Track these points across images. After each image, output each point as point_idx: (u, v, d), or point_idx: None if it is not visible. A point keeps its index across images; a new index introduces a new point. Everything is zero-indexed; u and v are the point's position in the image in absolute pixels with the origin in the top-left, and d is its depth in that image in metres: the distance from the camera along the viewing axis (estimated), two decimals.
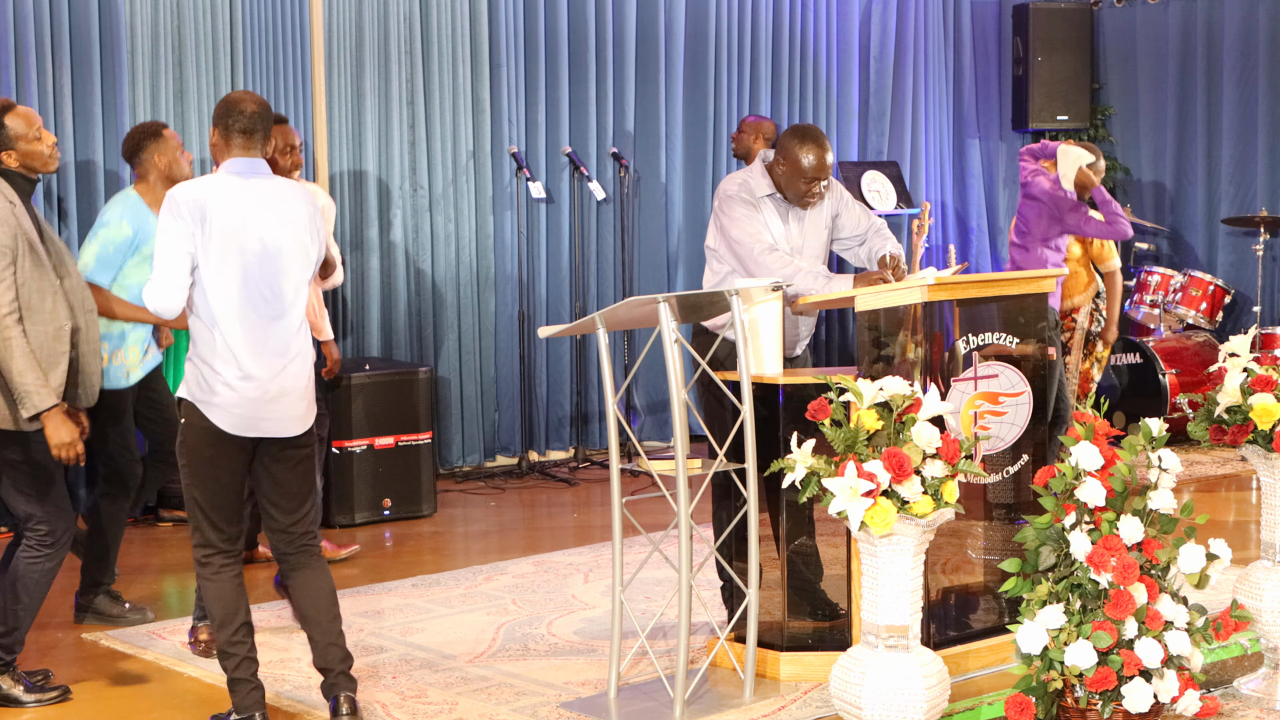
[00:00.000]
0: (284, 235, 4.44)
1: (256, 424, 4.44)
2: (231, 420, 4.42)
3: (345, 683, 4.60)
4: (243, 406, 4.41)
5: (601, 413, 9.33)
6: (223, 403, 4.40)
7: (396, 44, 8.52)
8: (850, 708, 4.10)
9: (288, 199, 4.49)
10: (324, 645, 4.61)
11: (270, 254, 4.41)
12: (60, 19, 7.41)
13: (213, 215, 4.34)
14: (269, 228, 4.41)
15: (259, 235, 4.39)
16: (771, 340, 5.04)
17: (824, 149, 5.36)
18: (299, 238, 4.48)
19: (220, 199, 4.36)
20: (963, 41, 11.16)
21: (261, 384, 4.42)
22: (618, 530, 4.96)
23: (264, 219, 4.41)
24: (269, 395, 4.43)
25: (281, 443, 4.53)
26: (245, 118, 4.45)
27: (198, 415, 4.43)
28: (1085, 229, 7.33)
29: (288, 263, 4.45)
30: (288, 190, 4.52)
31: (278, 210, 4.44)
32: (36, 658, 5.44)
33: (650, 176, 9.55)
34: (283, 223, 4.44)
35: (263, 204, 4.42)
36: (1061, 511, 4.32)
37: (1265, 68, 10.53)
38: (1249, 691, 4.88)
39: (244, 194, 4.40)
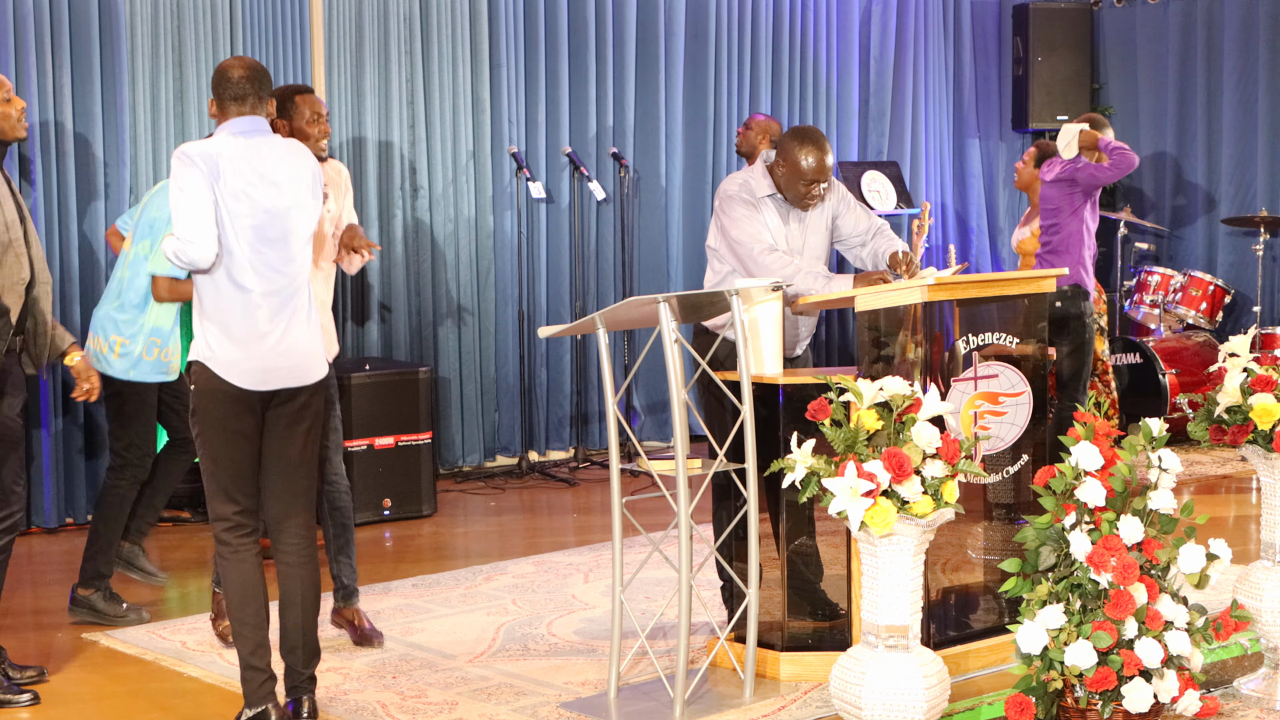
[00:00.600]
0: (290, 191, 4.50)
1: (267, 376, 4.46)
2: (242, 373, 4.43)
3: (308, 685, 4.61)
4: (254, 359, 4.43)
5: (601, 413, 9.33)
6: (235, 357, 4.42)
7: (396, 44, 8.52)
8: (850, 708, 4.10)
9: (291, 155, 4.54)
10: (297, 644, 4.61)
11: (279, 210, 4.47)
12: (60, 18, 7.41)
13: (225, 171, 4.39)
14: (276, 183, 4.47)
15: (268, 190, 4.45)
16: (771, 340, 5.04)
17: (824, 151, 5.36)
18: (302, 194, 4.53)
19: (230, 155, 4.41)
20: (963, 41, 11.17)
21: (273, 335, 4.46)
22: (618, 530, 4.96)
23: (271, 174, 4.46)
24: (280, 347, 4.47)
25: (290, 402, 4.52)
26: (233, 84, 4.50)
27: (209, 375, 4.44)
28: (1100, 176, 7.52)
29: (295, 219, 4.51)
30: (289, 148, 4.57)
31: (283, 166, 4.50)
32: (37, 658, 5.44)
33: (650, 176, 9.55)
34: (289, 178, 4.50)
35: (268, 160, 4.48)
36: (1061, 511, 4.32)
37: (1265, 68, 10.54)
38: (1249, 691, 4.88)
39: (251, 151, 4.46)
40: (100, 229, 7.53)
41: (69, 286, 7.43)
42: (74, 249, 7.46)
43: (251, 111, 4.53)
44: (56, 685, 5.18)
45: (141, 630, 5.76)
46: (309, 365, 4.56)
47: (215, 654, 5.42)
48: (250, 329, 4.43)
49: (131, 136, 7.65)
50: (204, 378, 4.46)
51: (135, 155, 7.67)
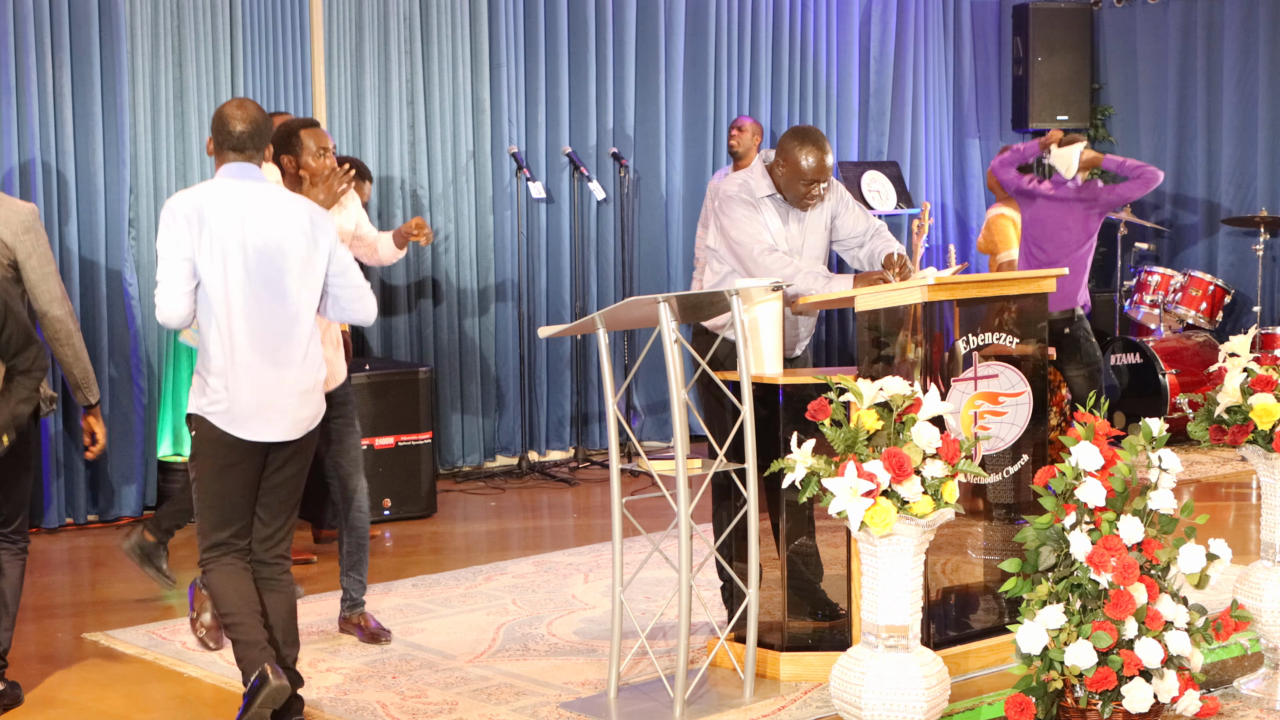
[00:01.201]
0: (282, 234, 4.45)
1: (266, 428, 4.44)
2: (241, 424, 4.42)
3: (296, 704, 4.59)
4: (252, 410, 4.41)
5: (601, 413, 9.33)
6: (232, 409, 4.41)
7: (396, 44, 8.52)
8: (850, 708, 4.10)
9: (283, 201, 4.50)
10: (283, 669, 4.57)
11: (270, 253, 4.42)
12: (60, 19, 7.41)
13: (209, 218, 4.37)
14: (266, 227, 4.43)
15: (257, 235, 4.41)
16: (771, 340, 5.04)
17: (824, 151, 5.36)
18: (297, 239, 4.48)
19: (215, 202, 4.40)
20: (963, 41, 11.16)
21: (271, 386, 4.43)
22: (618, 530, 4.96)
23: (260, 218, 4.42)
24: (279, 397, 4.44)
25: (289, 449, 4.53)
26: (233, 137, 4.49)
27: (208, 427, 4.44)
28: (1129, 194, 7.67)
29: (289, 261, 4.46)
30: (282, 195, 4.54)
31: (274, 210, 4.46)
32: (37, 659, 5.44)
33: (650, 176, 9.54)
34: (280, 222, 4.45)
35: (257, 204, 4.44)
36: (1061, 511, 4.32)
37: (1265, 68, 10.54)
38: (1249, 691, 4.88)
39: (238, 196, 4.43)
40: (100, 230, 7.52)
41: (69, 286, 7.42)
42: (74, 248, 7.45)
43: (248, 160, 4.51)
44: (56, 685, 5.18)
45: (141, 630, 5.76)
46: (308, 416, 4.54)
47: (215, 654, 5.42)
48: (247, 379, 4.41)
49: (131, 136, 7.64)
50: (204, 428, 4.46)
51: (135, 156, 7.67)
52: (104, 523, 7.63)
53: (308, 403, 4.52)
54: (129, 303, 7.61)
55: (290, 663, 4.60)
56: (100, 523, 7.63)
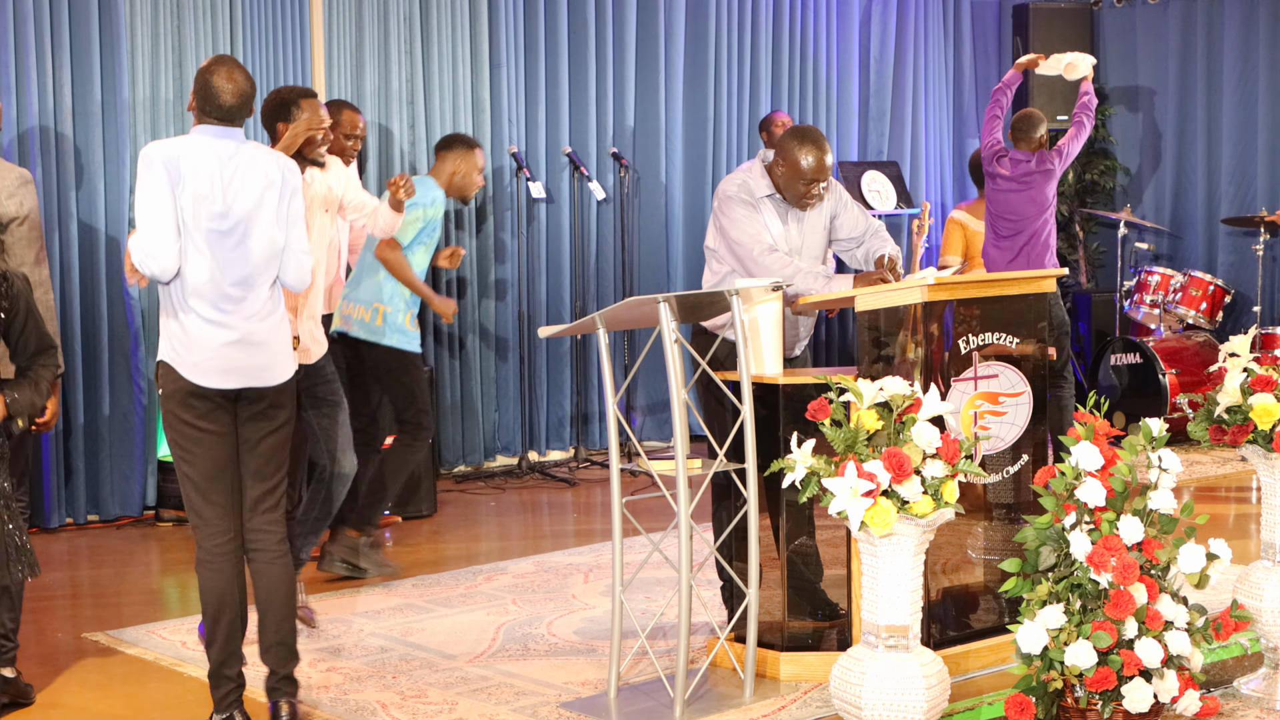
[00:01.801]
0: (255, 189, 4.48)
1: (231, 374, 4.45)
2: (206, 372, 4.43)
3: (287, 687, 4.59)
4: (217, 356, 4.43)
5: (601, 413, 9.33)
6: (197, 358, 4.42)
7: (396, 44, 8.52)
8: (850, 708, 4.10)
9: (259, 161, 4.52)
10: (273, 643, 4.59)
11: (241, 211, 4.45)
12: (60, 18, 7.41)
13: (186, 172, 4.40)
14: (239, 188, 4.45)
15: (230, 191, 4.44)
16: (771, 340, 5.04)
17: (823, 150, 5.36)
18: (269, 195, 4.51)
19: (193, 156, 4.42)
20: (963, 41, 11.17)
21: (234, 331, 4.45)
22: (618, 530, 4.96)
23: (234, 179, 4.45)
24: (242, 342, 4.46)
25: (260, 402, 4.51)
26: (221, 109, 4.51)
27: (174, 377, 4.45)
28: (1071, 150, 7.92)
29: (260, 217, 4.49)
30: (259, 153, 4.55)
31: (245, 167, 4.48)
32: (37, 659, 5.44)
33: (650, 176, 9.55)
34: (253, 184, 4.48)
35: (231, 165, 4.46)
36: (1061, 511, 4.32)
37: (1265, 68, 10.54)
38: (1249, 691, 4.88)
39: (215, 154, 4.45)
40: (100, 228, 7.52)
41: (69, 286, 7.42)
42: (74, 249, 7.45)
43: (230, 124, 4.53)
44: (56, 685, 5.18)
45: (142, 630, 5.76)
46: (272, 365, 4.53)
47: None
48: (211, 327, 4.43)
49: (131, 136, 7.64)
50: (169, 378, 4.46)
51: (135, 155, 7.66)
52: (104, 523, 7.63)
53: (269, 353, 4.51)
54: (129, 303, 7.61)
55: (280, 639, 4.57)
56: (100, 523, 7.64)
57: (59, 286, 7.41)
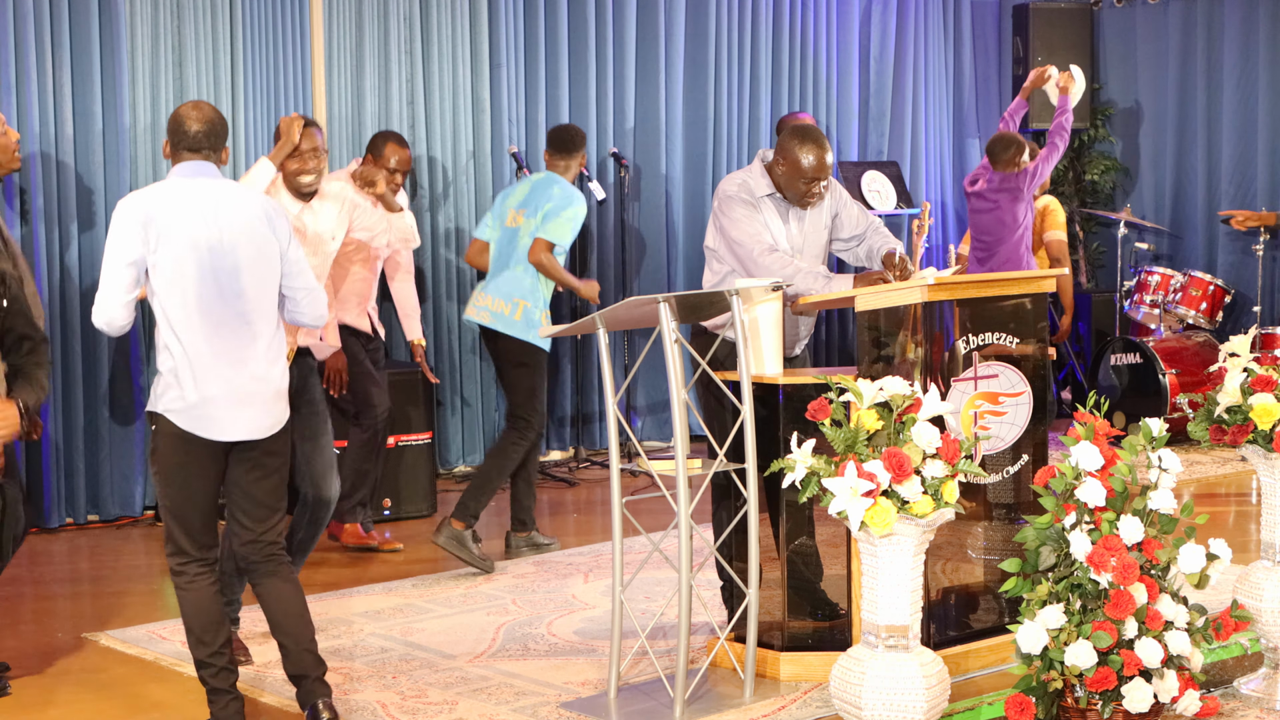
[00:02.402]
0: (235, 230, 4.43)
1: (225, 426, 4.41)
2: (200, 424, 4.39)
3: (321, 689, 4.57)
4: (210, 407, 4.38)
5: (601, 413, 9.33)
6: (189, 407, 4.38)
7: (396, 44, 8.52)
8: (850, 708, 4.10)
9: (235, 197, 4.48)
10: (297, 652, 4.58)
11: (224, 249, 4.41)
12: (60, 18, 7.41)
13: (159, 219, 4.36)
14: (219, 223, 4.41)
15: (210, 231, 4.39)
16: (771, 340, 5.04)
17: (823, 149, 5.36)
18: (251, 235, 4.46)
19: (165, 202, 4.39)
20: (963, 41, 11.16)
21: (228, 384, 4.40)
22: (618, 530, 4.96)
23: (211, 217, 4.41)
24: (237, 396, 4.41)
25: (253, 450, 4.49)
26: (188, 137, 4.49)
27: (166, 423, 4.41)
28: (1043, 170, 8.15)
29: (243, 257, 4.44)
30: (234, 191, 4.51)
31: (226, 207, 4.44)
32: (37, 659, 5.44)
33: (650, 177, 9.54)
34: (232, 219, 4.43)
35: (208, 202, 4.42)
36: (1061, 511, 4.32)
37: (1265, 68, 10.53)
38: (1249, 691, 4.88)
39: (189, 194, 4.42)
40: (100, 229, 7.52)
41: (68, 286, 7.43)
42: (74, 249, 7.45)
43: (204, 159, 4.51)
44: (56, 685, 5.18)
45: (142, 630, 5.76)
46: (268, 415, 4.49)
47: None
48: (206, 378, 4.38)
49: (131, 136, 7.64)
50: (162, 424, 4.43)
51: (135, 155, 7.67)
52: (104, 523, 7.63)
53: (268, 402, 4.48)
54: None
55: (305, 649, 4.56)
56: (100, 523, 7.64)
57: (59, 287, 7.41)
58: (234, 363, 4.41)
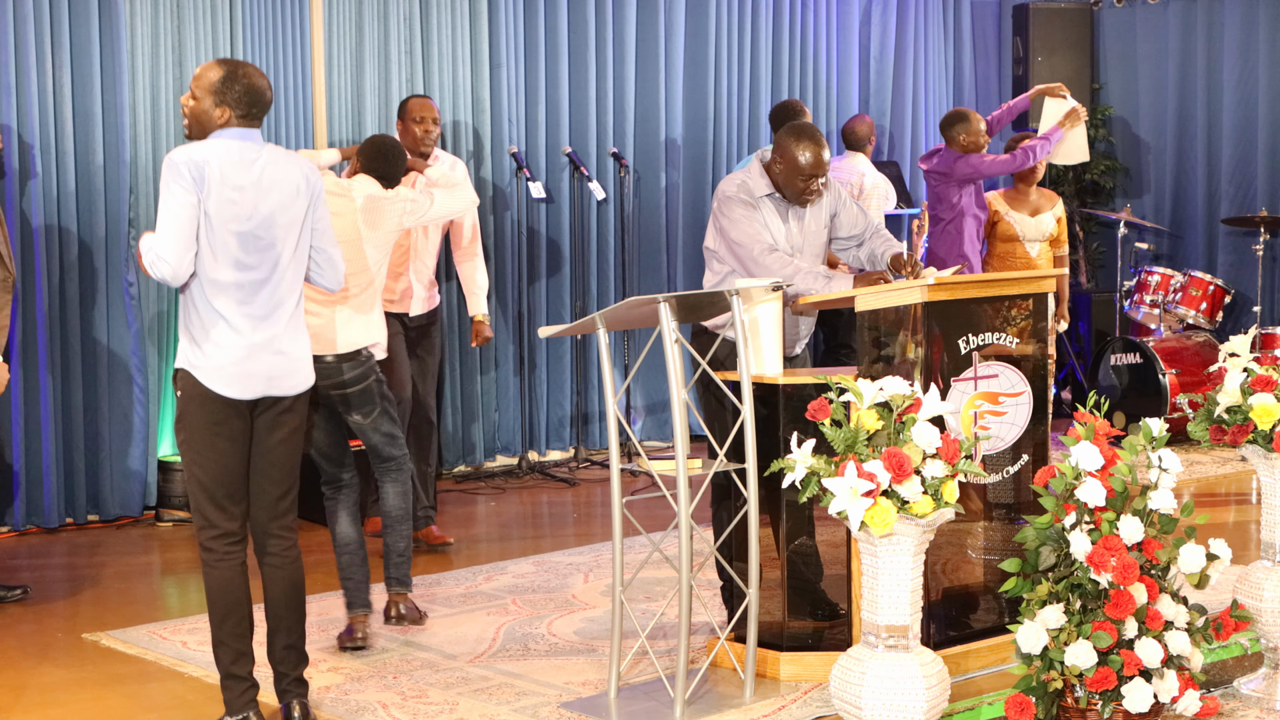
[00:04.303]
0: (280, 195, 4.48)
1: (251, 383, 4.45)
2: (225, 380, 4.43)
3: (297, 688, 4.62)
4: (236, 364, 4.43)
5: (601, 413, 9.33)
6: (216, 364, 4.42)
7: (396, 44, 8.52)
8: (850, 708, 4.10)
9: (285, 165, 4.52)
10: (281, 646, 4.62)
11: (266, 215, 4.45)
12: (60, 18, 7.41)
13: (211, 177, 4.38)
14: (265, 188, 4.45)
15: (256, 195, 4.43)
16: (771, 340, 5.04)
17: (821, 146, 5.37)
18: (294, 201, 4.52)
19: (219, 161, 4.40)
20: (963, 41, 11.16)
21: (254, 341, 4.45)
22: (618, 530, 4.96)
23: (261, 180, 4.45)
24: (262, 352, 4.46)
25: (276, 409, 4.52)
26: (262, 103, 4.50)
27: (193, 383, 4.45)
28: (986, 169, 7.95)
29: (284, 223, 4.49)
30: (283, 156, 4.55)
31: (274, 172, 4.48)
32: (37, 659, 5.44)
33: (650, 176, 9.55)
34: (279, 184, 4.48)
35: (258, 166, 4.46)
36: (1061, 511, 4.32)
37: (1265, 68, 10.54)
38: (1249, 691, 4.88)
39: (243, 156, 4.45)
40: (100, 229, 7.52)
41: (68, 286, 7.42)
42: (74, 248, 7.45)
43: (254, 125, 4.52)
44: (55, 685, 5.19)
45: (142, 630, 5.76)
46: (293, 374, 4.55)
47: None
48: (233, 336, 4.43)
49: (131, 136, 7.64)
50: (189, 384, 4.46)
51: (135, 155, 7.66)
52: (104, 523, 7.63)
53: (291, 362, 4.52)
54: (129, 303, 7.60)
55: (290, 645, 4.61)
56: (100, 523, 7.64)
57: (59, 287, 7.40)
58: (260, 321, 4.46)
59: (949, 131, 8.05)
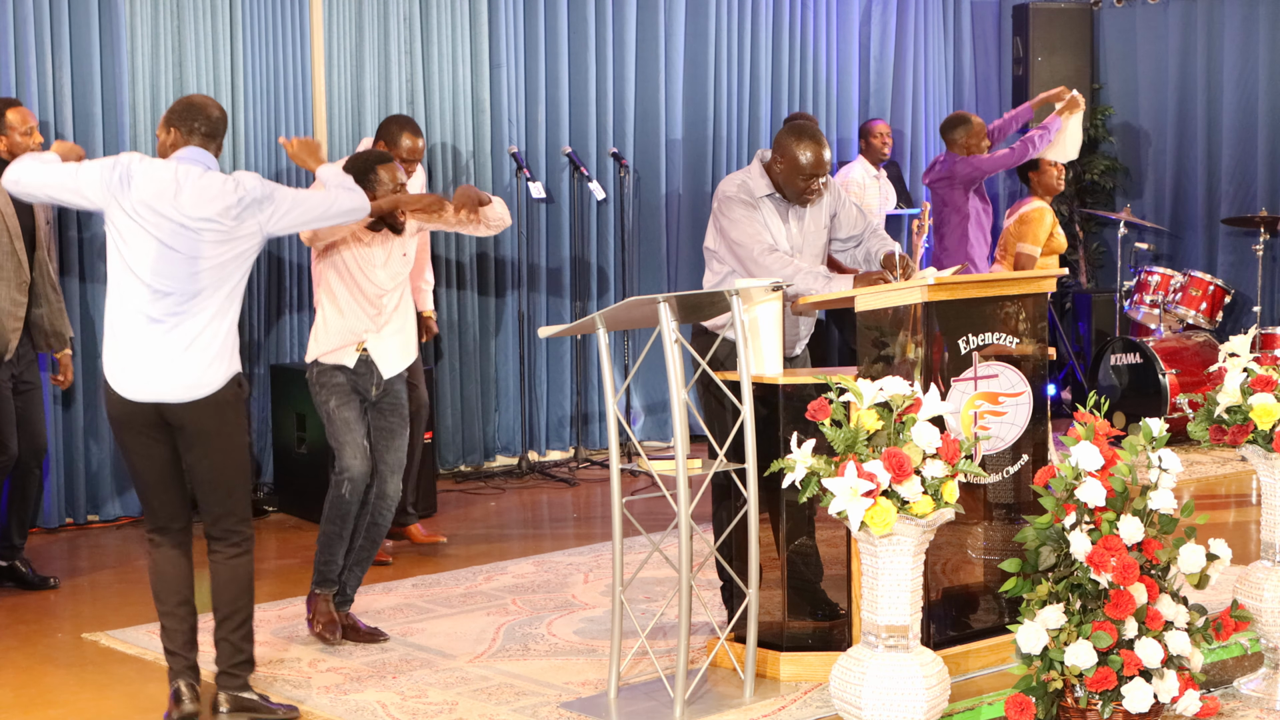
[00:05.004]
0: (202, 211, 4.55)
1: (146, 386, 4.58)
2: (125, 382, 4.59)
3: (228, 681, 4.75)
4: (135, 369, 4.57)
5: (601, 413, 9.33)
6: (121, 365, 4.60)
7: (396, 44, 8.52)
8: (850, 708, 4.10)
9: (216, 183, 4.61)
10: (218, 639, 4.78)
11: (187, 228, 4.54)
12: (60, 18, 7.41)
13: (137, 181, 4.56)
14: (188, 201, 4.55)
15: (176, 207, 4.54)
16: (771, 340, 5.04)
17: (821, 145, 5.37)
18: (218, 218, 4.57)
19: (150, 172, 4.58)
20: (963, 41, 11.16)
21: (157, 349, 4.57)
22: (618, 530, 4.96)
23: (186, 193, 4.55)
24: (160, 360, 4.57)
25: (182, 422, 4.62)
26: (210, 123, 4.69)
27: (106, 385, 4.67)
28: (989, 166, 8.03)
29: (205, 240, 4.56)
30: (215, 177, 4.64)
31: (203, 188, 4.57)
32: (37, 659, 5.44)
33: (650, 176, 9.54)
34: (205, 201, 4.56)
35: (185, 184, 4.57)
36: (1061, 511, 4.32)
37: (1265, 68, 10.54)
38: (1249, 691, 4.88)
39: (175, 172, 4.59)
40: (100, 229, 7.51)
41: (68, 288, 7.42)
42: (74, 248, 7.45)
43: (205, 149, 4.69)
44: (56, 685, 5.18)
45: (141, 630, 5.76)
46: (188, 383, 4.60)
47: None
48: (137, 339, 4.57)
49: (131, 136, 7.64)
50: (105, 386, 4.68)
51: None
52: (104, 523, 7.63)
53: (191, 373, 4.59)
54: None
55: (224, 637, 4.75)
56: (100, 523, 7.63)
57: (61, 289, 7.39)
58: (167, 329, 4.56)
59: (949, 134, 8.05)
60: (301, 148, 5.35)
